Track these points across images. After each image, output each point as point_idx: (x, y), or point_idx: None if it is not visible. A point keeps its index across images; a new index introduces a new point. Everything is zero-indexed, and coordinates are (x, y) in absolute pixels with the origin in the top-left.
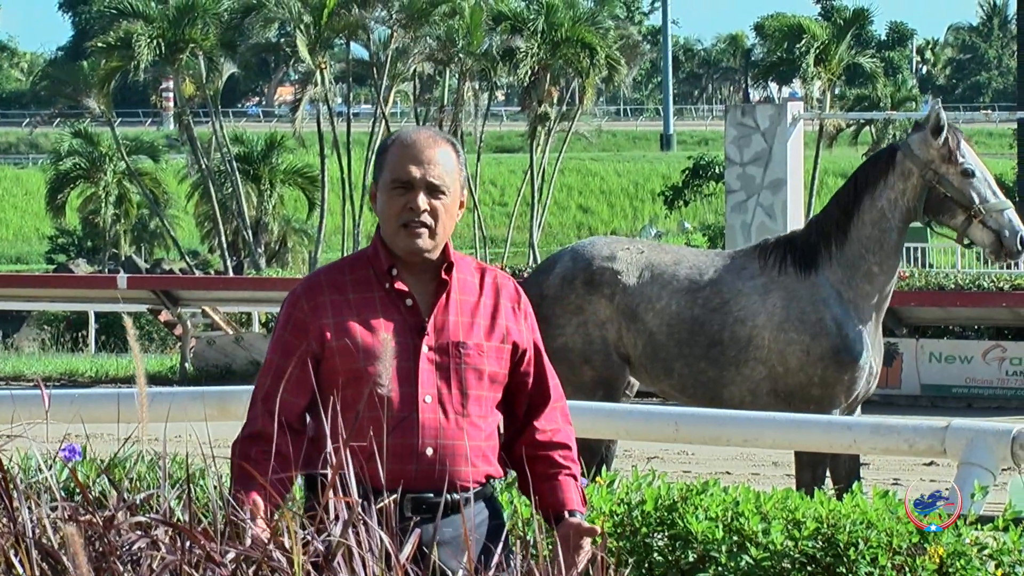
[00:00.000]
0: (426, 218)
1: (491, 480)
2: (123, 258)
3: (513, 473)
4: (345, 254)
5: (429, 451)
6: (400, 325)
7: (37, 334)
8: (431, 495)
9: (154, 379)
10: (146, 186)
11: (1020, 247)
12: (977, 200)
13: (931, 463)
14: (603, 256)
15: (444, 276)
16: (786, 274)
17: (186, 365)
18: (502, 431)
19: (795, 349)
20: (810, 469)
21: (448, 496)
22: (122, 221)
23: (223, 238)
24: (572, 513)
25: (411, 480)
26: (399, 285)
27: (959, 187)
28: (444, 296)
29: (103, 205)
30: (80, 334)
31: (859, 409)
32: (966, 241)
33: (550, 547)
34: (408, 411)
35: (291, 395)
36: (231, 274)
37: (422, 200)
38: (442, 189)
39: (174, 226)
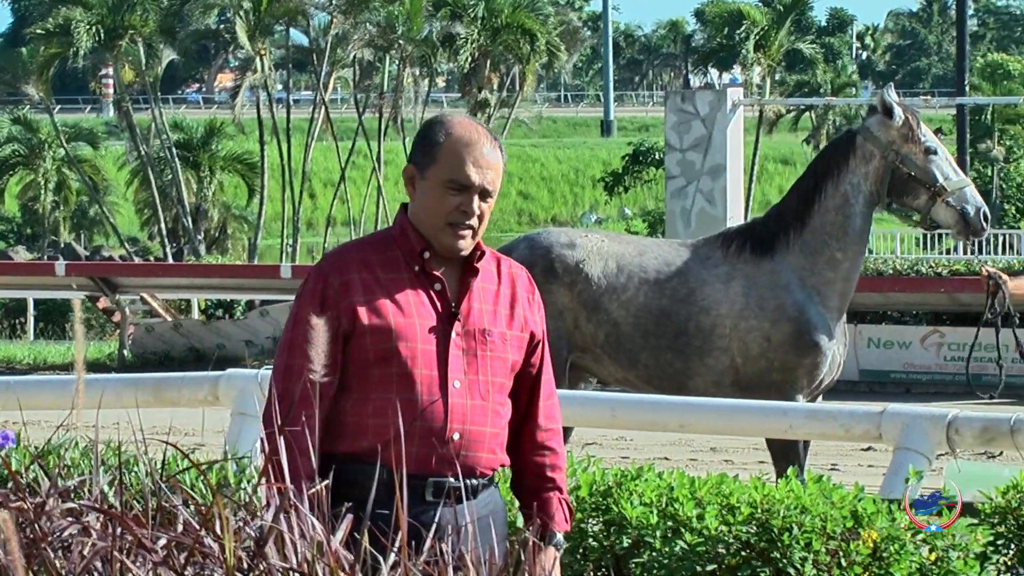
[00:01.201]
0: (474, 221)
1: (501, 468)
2: (62, 245)
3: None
4: (285, 240)
5: (456, 436)
6: (431, 308)
7: None
8: (452, 480)
9: (92, 366)
10: (85, 173)
11: (983, 224)
12: (940, 178)
13: (869, 448)
14: (561, 243)
15: (476, 264)
16: (746, 261)
17: (124, 352)
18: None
19: (755, 336)
20: (783, 458)
21: (468, 481)
22: (61, 208)
23: (163, 225)
24: (552, 537)
25: (435, 464)
26: (430, 269)
27: (922, 166)
28: (471, 284)
29: (42, 192)
30: (19, 321)
31: (820, 398)
32: (929, 222)
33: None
34: (438, 395)
35: (328, 375)
36: (171, 261)
37: (475, 204)
38: (492, 193)
39: (114, 213)
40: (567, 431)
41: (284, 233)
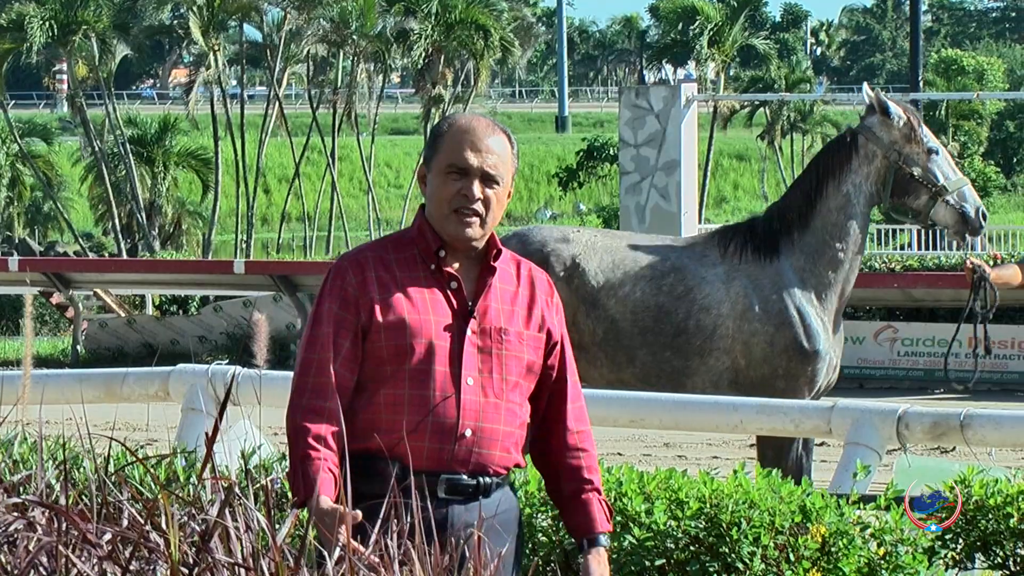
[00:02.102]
0: (479, 207)
1: (516, 468)
2: (17, 241)
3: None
4: (240, 236)
5: (468, 433)
6: (446, 306)
7: None
8: (464, 477)
9: (46, 362)
10: (39, 169)
11: (982, 223)
12: (941, 178)
13: (822, 443)
14: (556, 239)
15: (492, 263)
16: (747, 261)
17: (78, 348)
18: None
19: (759, 340)
20: (775, 464)
21: (480, 479)
22: (15, 204)
23: (117, 221)
24: (597, 540)
25: (446, 461)
26: (446, 267)
27: (924, 166)
28: (488, 282)
29: None
30: None
31: None
32: (929, 223)
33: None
34: (450, 392)
35: (346, 370)
36: (125, 256)
37: (477, 188)
38: (496, 179)
39: (68, 209)
40: None
41: (239, 228)
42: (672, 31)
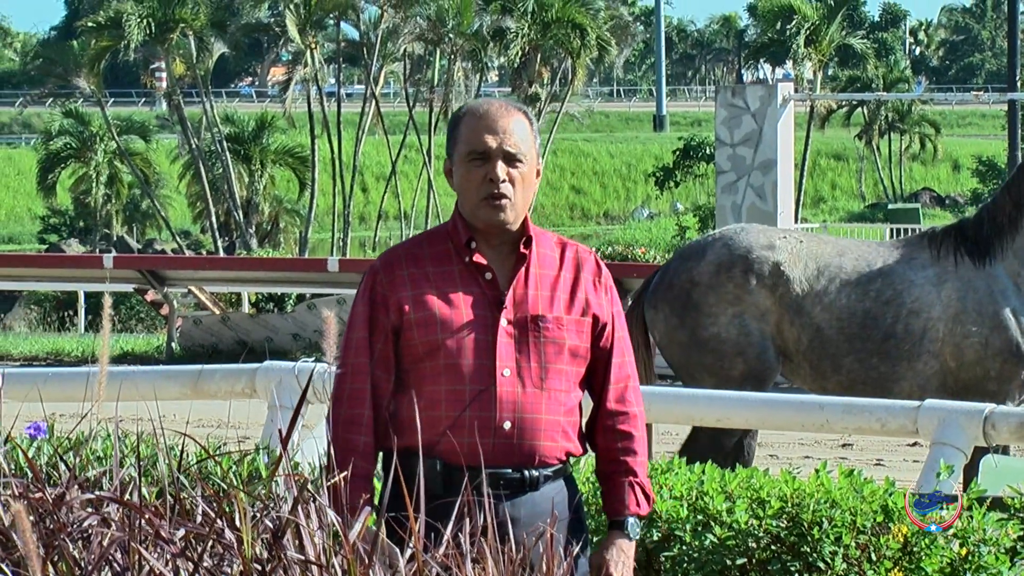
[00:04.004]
0: (506, 188)
1: (570, 457)
2: (115, 238)
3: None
4: (336, 235)
5: (507, 425)
6: (479, 298)
7: (28, 314)
8: (509, 470)
9: (140, 359)
10: (137, 166)
11: None
12: None
13: (915, 444)
14: (762, 245)
15: (523, 250)
16: (960, 264)
17: (172, 345)
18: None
19: (972, 342)
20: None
21: (526, 472)
22: (113, 201)
23: (214, 218)
24: (622, 524)
25: (488, 455)
26: (478, 258)
27: None
28: (523, 270)
29: (94, 185)
30: (68, 314)
31: None
32: None
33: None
34: (486, 384)
35: (382, 372)
36: (222, 254)
37: (501, 170)
38: (519, 158)
39: (166, 206)
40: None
41: (335, 227)
42: (769, 30)
